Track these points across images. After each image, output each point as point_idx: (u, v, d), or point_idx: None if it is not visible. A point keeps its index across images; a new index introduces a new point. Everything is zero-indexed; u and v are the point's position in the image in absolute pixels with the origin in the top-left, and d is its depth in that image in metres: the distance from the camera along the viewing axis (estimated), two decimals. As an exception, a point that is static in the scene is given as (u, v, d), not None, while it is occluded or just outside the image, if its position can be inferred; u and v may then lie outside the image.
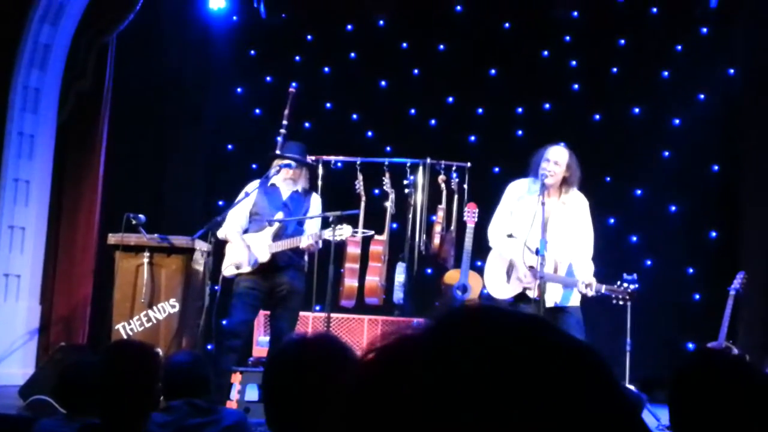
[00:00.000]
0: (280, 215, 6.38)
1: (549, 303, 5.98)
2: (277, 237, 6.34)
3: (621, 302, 5.89)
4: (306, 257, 6.55)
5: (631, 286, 5.84)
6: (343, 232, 6.22)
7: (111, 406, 2.64)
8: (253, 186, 6.53)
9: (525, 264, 5.99)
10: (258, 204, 6.47)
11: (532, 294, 5.96)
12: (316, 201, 6.66)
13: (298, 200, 6.53)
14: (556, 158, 6.04)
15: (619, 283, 5.88)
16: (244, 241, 6.36)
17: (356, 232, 6.67)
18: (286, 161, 6.48)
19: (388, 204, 7.80)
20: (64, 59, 8.39)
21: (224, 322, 6.61)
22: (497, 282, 6.21)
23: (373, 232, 7.13)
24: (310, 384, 2.17)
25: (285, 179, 6.49)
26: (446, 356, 0.72)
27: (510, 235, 6.21)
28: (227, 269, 6.39)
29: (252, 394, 6.20)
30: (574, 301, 6.04)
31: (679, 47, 8.98)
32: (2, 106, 8.17)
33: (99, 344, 7.13)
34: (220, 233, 6.42)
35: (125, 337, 5.94)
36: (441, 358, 0.72)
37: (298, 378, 2.18)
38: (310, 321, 7.57)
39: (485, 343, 0.73)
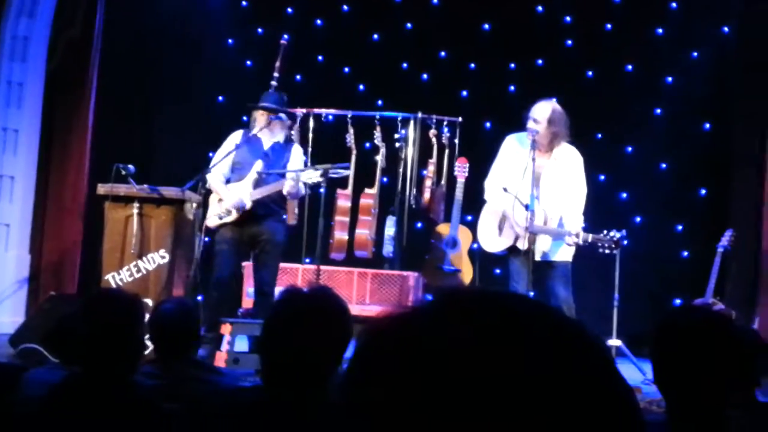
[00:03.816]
0: (259, 164, 6.37)
1: (537, 256, 6.05)
2: (257, 185, 6.36)
3: (607, 251, 5.98)
4: (293, 208, 6.56)
5: (617, 235, 5.91)
6: (312, 175, 6.18)
7: (93, 355, 2.66)
8: (238, 137, 6.52)
9: (515, 217, 6.04)
10: (239, 154, 6.47)
11: (522, 246, 6.01)
12: (297, 152, 6.64)
13: (278, 151, 6.53)
14: (535, 115, 6.10)
15: (605, 232, 5.95)
16: (228, 190, 6.38)
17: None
18: (276, 114, 6.45)
19: (379, 158, 7.79)
20: (53, 7, 8.29)
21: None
22: (489, 235, 6.27)
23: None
24: (307, 336, 2.19)
25: (261, 128, 6.48)
26: (446, 335, 0.75)
27: (504, 189, 6.25)
28: (210, 219, 6.42)
29: (241, 345, 6.24)
30: (563, 255, 6.10)
31: (674, 4, 8.92)
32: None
33: (89, 294, 7.13)
34: (208, 180, 6.43)
35: (114, 287, 5.95)
36: (442, 337, 0.75)
37: (296, 330, 2.21)
38: (299, 273, 7.58)
39: (485, 321, 0.76)
